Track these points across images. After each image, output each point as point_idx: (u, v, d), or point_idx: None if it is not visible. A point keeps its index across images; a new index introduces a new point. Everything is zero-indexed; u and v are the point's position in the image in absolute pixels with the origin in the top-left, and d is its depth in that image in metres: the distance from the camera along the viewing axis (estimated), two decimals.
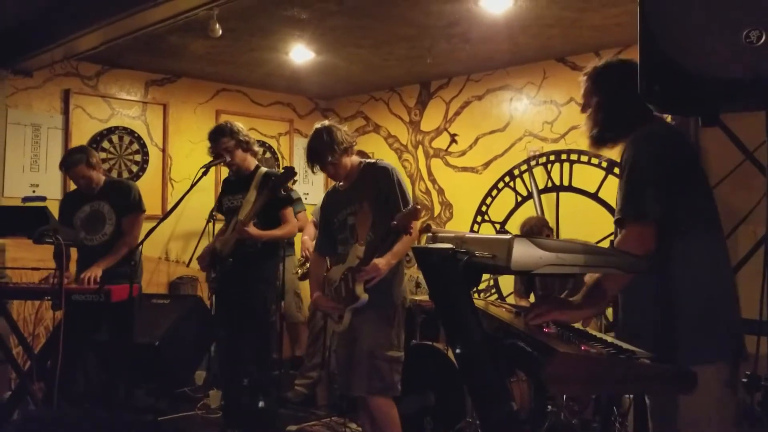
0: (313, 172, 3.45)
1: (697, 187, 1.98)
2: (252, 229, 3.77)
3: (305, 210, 5.52)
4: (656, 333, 1.92)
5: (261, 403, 4.08)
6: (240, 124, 4.05)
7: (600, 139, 2.13)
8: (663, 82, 1.49)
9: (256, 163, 4.12)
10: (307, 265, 5.12)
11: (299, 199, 5.35)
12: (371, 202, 3.31)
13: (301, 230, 5.14)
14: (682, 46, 1.46)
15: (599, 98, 2.14)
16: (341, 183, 3.46)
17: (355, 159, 3.42)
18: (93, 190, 4.22)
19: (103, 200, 4.21)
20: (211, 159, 4.03)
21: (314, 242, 4.10)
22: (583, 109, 2.20)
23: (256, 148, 4.13)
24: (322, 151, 3.31)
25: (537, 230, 4.28)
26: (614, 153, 5.04)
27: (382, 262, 3.21)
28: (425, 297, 4.62)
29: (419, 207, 3.08)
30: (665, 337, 1.91)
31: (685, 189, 1.94)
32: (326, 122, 3.44)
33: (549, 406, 3.89)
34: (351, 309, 3.23)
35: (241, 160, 4.00)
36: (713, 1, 1.49)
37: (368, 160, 3.48)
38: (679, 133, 2.01)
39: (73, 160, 4.16)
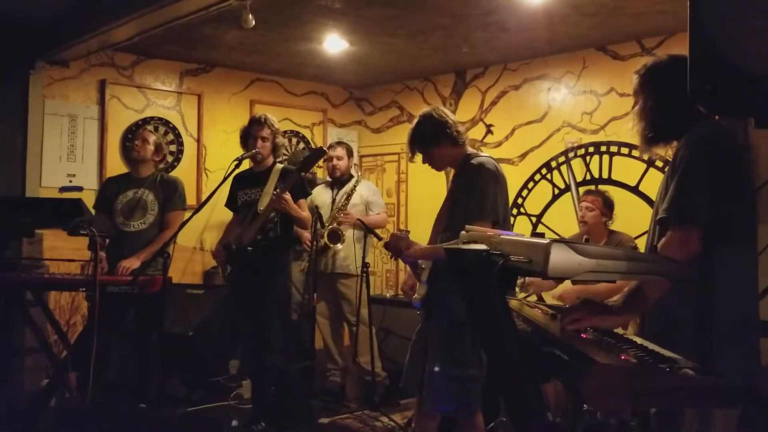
0: (412, 159, 3.32)
1: (743, 196, 1.90)
2: (289, 197, 3.90)
3: None
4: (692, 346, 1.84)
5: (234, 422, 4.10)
6: (277, 123, 4.24)
7: (653, 141, 2.05)
8: (714, 81, 1.39)
9: (273, 160, 4.27)
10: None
11: None
12: (450, 201, 3.19)
13: None
14: (735, 43, 1.36)
15: (651, 100, 2.05)
16: None
17: (459, 151, 3.20)
18: (141, 168, 4.34)
19: (148, 189, 4.30)
20: (241, 145, 4.24)
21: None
22: (634, 107, 2.13)
23: (282, 151, 4.33)
24: (412, 139, 3.21)
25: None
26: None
27: (414, 249, 3.11)
28: None
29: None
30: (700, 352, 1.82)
31: (732, 198, 1.86)
32: (427, 109, 3.24)
33: (585, 405, 3.80)
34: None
35: (267, 155, 4.16)
36: None
37: (469, 153, 3.22)
38: (732, 135, 1.91)
39: (150, 128, 4.33)
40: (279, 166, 4.14)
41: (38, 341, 4.20)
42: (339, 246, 4.98)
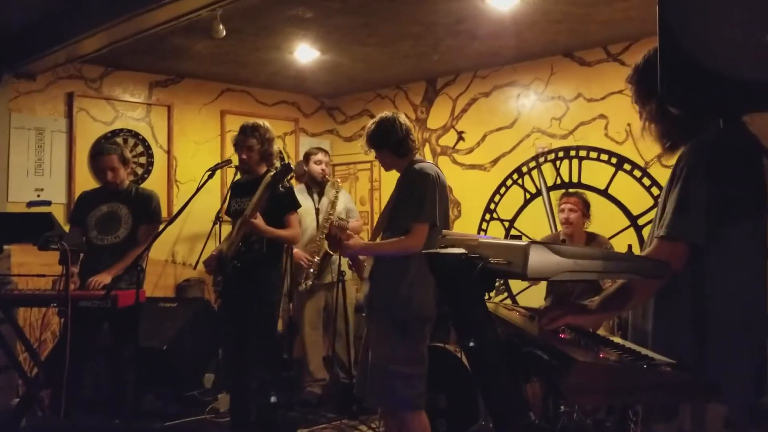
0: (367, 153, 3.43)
1: (753, 205, 1.78)
2: (258, 221, 3.76)
3: None
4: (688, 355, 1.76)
5: (273, 398, 4.07)
6: (272, 132, 4.07)
7: (671, 148, 1.93)
8: (684, 82, 1.42)
9: (266, 168, 4.11)
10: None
11: None
12: (391, 203, 3.27)
13: None
14: (704, 45, 1.39)
15: (651, 105, 1.92)
16: None
17: (404, 159, 3.30)
18: (114, 187, 4.24)
19: (122, 203, 4.22)
20: (218, 161, 4.08)
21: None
22: (641, 117, 1.99)
23: (275, 161, 4.11)
24: (366, 136, 3.32)
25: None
26: (628, 150, 4.95)
27: (355, 241, 3.25)
28: None
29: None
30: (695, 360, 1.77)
31: (740, 207, 1.76)
32: (388, 114, 3.32)
33: (562, 406, 3.84)
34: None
35: (255, 164, 4.04)
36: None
37: (414, 160, 3.32)
38: (741, 136, 1.78)
39: (106, 148, 4.28)
40: (270, 174, 3.93)
41: (8, 359, 4.11)
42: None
